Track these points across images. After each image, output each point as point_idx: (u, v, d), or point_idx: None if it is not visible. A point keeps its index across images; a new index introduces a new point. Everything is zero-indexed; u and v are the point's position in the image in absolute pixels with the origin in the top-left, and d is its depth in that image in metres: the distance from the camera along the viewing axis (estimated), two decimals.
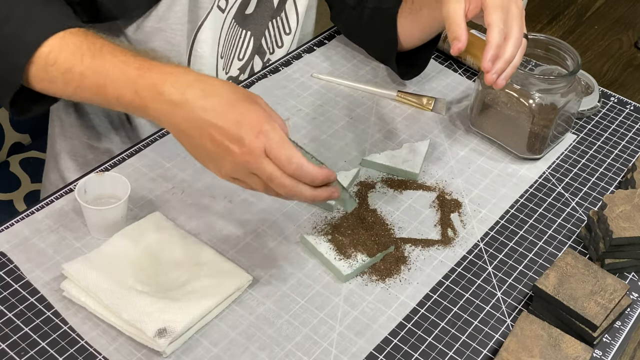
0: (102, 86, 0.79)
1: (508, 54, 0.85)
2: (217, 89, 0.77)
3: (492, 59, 0.85)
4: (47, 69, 0.81)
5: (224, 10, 1.05)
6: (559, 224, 0.97)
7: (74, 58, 0.80)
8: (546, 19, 1.46)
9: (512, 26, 0.86)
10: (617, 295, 0.82)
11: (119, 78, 0.78)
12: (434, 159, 1.05)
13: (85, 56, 0.80)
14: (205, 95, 0.75)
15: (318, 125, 1.09)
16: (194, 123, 0.75)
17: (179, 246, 0.86)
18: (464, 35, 0.85)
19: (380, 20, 1.13)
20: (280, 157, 0.74)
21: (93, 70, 0.80)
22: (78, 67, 0.80)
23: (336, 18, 1.23)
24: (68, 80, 0.81)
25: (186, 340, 0.79)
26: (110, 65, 0.79)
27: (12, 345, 0.77)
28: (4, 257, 0.85)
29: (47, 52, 0.81)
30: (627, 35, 1.42)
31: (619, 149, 1.10)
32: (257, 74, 1.17)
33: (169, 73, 0.77)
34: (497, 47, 0.85)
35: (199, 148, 0.77)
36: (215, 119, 0.74)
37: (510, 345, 0.77)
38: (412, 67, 1.16)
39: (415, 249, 0.92)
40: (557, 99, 1.00)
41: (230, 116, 0.75)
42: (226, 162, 0.76)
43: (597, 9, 1.50)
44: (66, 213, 0.91)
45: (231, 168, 0.76)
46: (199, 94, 0.75)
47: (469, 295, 0.87)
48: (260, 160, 0.74)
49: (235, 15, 1.08)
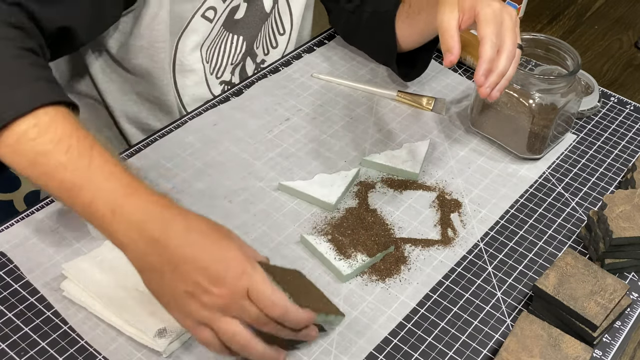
0: (77, 187, 0.70)
1: (501, 67, 0.86)
2: (199, 224, 0.71)
3: (484, 73, 0.85)
4: (22, 139, 0.70)
5: (212, 20, 1.06)
6: (559, 224, 0.97)
7: (58, 146, 0.70)
8: (546, 19, 1.46)
9: (505, 38, 0.86)
10: (617, 295, 0.82)
11: (102, 188, 0.70)
12: (434, 159, 1.05)
13: (72, 149, 0.70)
14: (188, 231, 0.70)
15: (318, 125, 1.09)
16: (170, 260, 0.68)
17: None
18: (456, 47, 0.85)
19: (378, 24, 1.13)
20: (265, 301, 0.69)
21: (75, 167, 0.70)
22: (58, 156, 0.70)
23: (335, 22, 1.24)
24: (39, 162, 0.70)
25: (186, 340, 0.79)
26: (97, 171, 0.70)
27: (12, 345, 0.77)
28: (4, 257, 0.85)
29: (32, 123, 0.70)
30: (627, 35, 1.42)
31: (619, 149, 1.10)
32: (257, 74, 1.17)
33: (154, 203, 0.70)
34: (489, 61, 0.85)
35: (166, 288, 0.70)
36: (198, 256, 0.68)
37: (510, 345, 0.77)
38: (413, 69, 1.16)
39: (415, 249, 0.92)
40: (557, 99, 1.00)
41: (213, 255, 0.69)
42: (197, 303, 0.68)
43: (597, 9, 1.50)
44: (66, 213, 0.91)
45: (201, 310, 0.69)
46: (182, 230, 0.69)
47: (469, 295, 0.87)
48: (242, 303, 0.69)
49: (225, 22, 1.08)
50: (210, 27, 1.06)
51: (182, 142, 1.03)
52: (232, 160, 1.01)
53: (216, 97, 1.12)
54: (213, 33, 1.08)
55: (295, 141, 1.06)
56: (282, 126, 1.08)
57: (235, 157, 1.02)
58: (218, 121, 1.08)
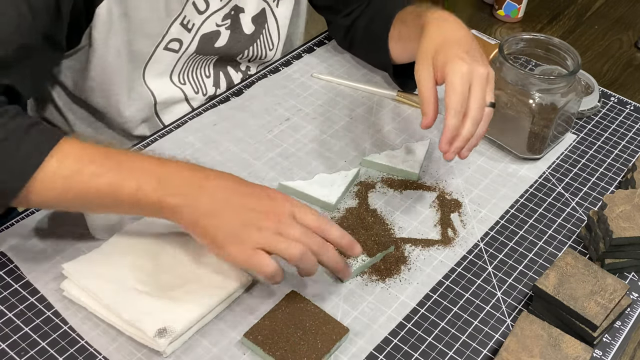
0: (116, 183, 0.76)
1: (465, 133, 0.87)
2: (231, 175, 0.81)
3: (448, 141, 0.87)
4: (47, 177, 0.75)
5: (178, 51, 1.04)
6: (559, 224, 0.97)
7: (82, 162, 0.76)
8: (546, 19, 1.46)
9: (470, 104, 0.87)
10: (617, 295, 0.82)
11: (139, 168, 0.77)
12: (434, 159, 1.05)
13: (96, 156, 0.77)
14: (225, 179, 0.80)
15: (318, 125, 1.09)
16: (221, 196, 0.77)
17: (179, 246, 0.86)
18: (430, 114, 0.88)
19: (372, 41, 1.14)
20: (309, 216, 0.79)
21: (108, 168, 0.76)
22: (88, 167, 0.76)
23: (333, 34, 1.25)
24: (70, 185, 0.76)
25: (186, 340, 0.79)
26: (128, 163, 0.77)
27: (12, 345, 0.77)
28: (4, 257, 0.85)
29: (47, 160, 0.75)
30: (627, 35, 1.42)
31: (619, 149, 1.10)
32: (257, 74, 1.17)
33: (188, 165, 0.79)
34: (453, 130, 0.86)
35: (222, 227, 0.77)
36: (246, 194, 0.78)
37: (510, 345, 0.77)
38: (411, 79, 1.16)
39: (415, 249, 0.92)
40: (557, 99, 1.00)
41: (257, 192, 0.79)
42: (254, 230, 0.76)
43: (597, 9, 1.50)
44: (66, 213, 0.91)
45: (257, 235, 0.76)
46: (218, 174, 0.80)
47: (469, 295, 0.87)
48: (291, 222, 0.78)
49: (197, 49, 1.06)
50: (177, 57, 1.05)
51: (182, 142, 1.03)
52: (232, 160, 1.01)
53: (216, 97, 1.12)
54: (182, 60, 1.06)
55: (295, 141, 1.06)
56: (282, 126, 1.08)
57: (235, 157, 1.02)
58: (218, 121, 1.08)
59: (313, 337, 0.78)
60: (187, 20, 1.01)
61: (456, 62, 0.87)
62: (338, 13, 1.18)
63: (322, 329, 0.79)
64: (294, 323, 0.79)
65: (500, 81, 1.01)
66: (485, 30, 1.40)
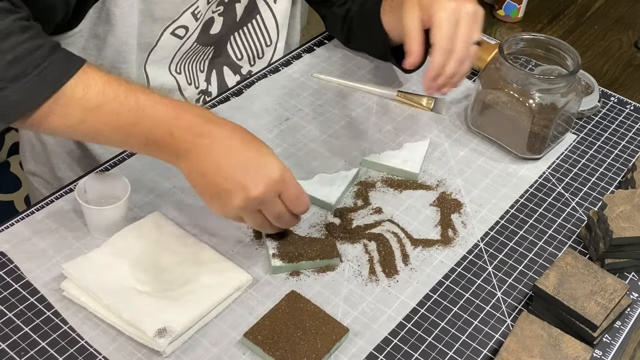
0: (132, 124, 0.78)
1: (448, 71, 0.88)
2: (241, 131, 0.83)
3: (432, 78, 0.88)
4: (70, 102, 0.76)
5: (182, 37, 1.05)
6: (559, 224, 0.97)
7: (104, 95, 0.77)
8: (546, 19, 1.46)
9: (456, 41, 0.88)
10: (617, 295, 0.82)
11: (155, 116, 0.78)
12: (434, 159, 1.05)
13: (119, 92, 0.78)
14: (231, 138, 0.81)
15: (318, 125, 1.09)
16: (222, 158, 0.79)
17: (179, 246, 0.86)
18: (415, 50, 0.88)
19: (366, 22, 1.13)
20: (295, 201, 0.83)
21: (128, 107, 0.77)
22: (110, 104, 0.77)
23: (331, 29, 1.25)
24: (88, 118, 0.77)
25: (186, 340, 0.79)
26: (145, 103, 0.78)
27: (12, 345, 0.77)
28: (4, 257, 0.85)
29: (73, 84, 0.76)
30: (627, 35, 1.42)
31: (619, 149, 1.10)
32: (257, 74, 1.17)
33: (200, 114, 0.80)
34: (438, 68, 0.88)
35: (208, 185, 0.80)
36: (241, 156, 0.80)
37: (510, 345, 0.77)
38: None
39: (415, 249, 0.92)
40: (557, 99, 1.00)
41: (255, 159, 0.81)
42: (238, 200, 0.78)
43: (597, 9, 1.50)
44: (66, 213, 0.91)
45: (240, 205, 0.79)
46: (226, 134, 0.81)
47: (469, 295, 0.87)
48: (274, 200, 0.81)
49: (198, 38, 1.07)
50: (180, 44, 1.05)
51: None
52: None
53: (215, 97, 1.12)
54: (184, 48, 1.07)
55: (295, 141, 1.06)
56: (282, 126, 1.08)
57: None
58: None
59: (313, 337, 0.78)
60: (199, 11, 1.02)
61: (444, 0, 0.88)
62: (332, 5, 1.18)
63: (322, 329, 0.79)
64: (294, 323, 0.79)
65: (500, 81, 1.01)
66: (485, 30, 1.40)
